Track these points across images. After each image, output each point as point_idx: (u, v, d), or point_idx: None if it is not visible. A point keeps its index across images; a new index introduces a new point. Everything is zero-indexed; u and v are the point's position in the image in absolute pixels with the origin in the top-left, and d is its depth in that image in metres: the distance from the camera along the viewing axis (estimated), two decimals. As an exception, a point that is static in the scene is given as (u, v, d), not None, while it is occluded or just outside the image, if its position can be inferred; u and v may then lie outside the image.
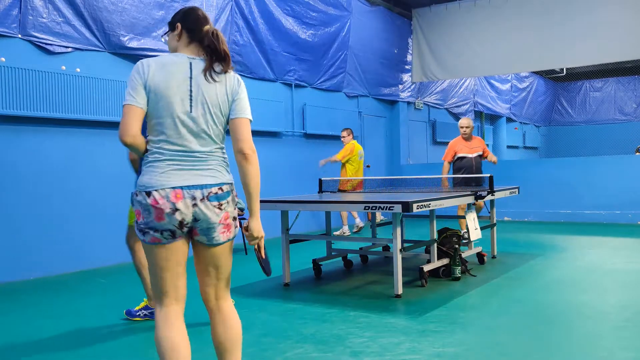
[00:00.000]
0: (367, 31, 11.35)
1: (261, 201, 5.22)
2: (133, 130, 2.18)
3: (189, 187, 2.21)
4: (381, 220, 8.83)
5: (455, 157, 7.65)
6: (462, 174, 7.50)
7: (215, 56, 2.31)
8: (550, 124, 22.14)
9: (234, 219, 2.36)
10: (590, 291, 4.75)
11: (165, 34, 2.46)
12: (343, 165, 9.02)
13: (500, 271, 5.73)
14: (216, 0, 7.96)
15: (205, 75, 2.27)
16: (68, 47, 6.39)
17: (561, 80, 21.35)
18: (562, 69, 18.28)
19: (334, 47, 10.37)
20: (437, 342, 3.47)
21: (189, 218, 2.22)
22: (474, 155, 7.56)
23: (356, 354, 3.31)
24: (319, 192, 6.60)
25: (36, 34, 6.05)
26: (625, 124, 20.16)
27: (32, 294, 5.31)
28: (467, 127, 7.58)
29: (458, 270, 5.31)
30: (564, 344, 3.41)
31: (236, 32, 8.37)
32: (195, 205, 2.21)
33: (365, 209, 4.57)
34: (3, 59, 5.79)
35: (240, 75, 8.64)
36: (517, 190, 6.89)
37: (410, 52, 12.74)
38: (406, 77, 12.75)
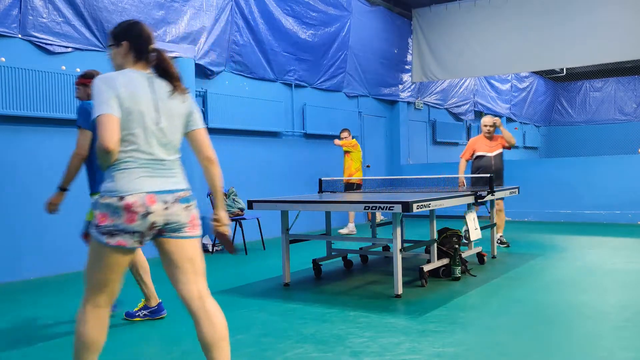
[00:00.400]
0: (367, 31, 11.35)
1: (261, 201, 5.22)
2: (116, 137, 2.26)
3: (160, 192, 2.36)
4: (381, 220, 8.83)
5: (474, 156, 7.39)
6: (479, 173, 7.27)
7: (168, 78, 2.46)
8: (550, 124, 22.14)
9: (200, 219, 2.54)
10: (590, 291, 4.75)
11: (109, 46, 2.52)
12: (347, 158, 9.20)
13: (500, 271, 5.73)
14: (216, 0, 7.96)
15: (168, 92, 2.44)
16: (68, 47, 6.39)
17: (561, 80, 21.35)
18: (562, 69, 18.28)
19: (334, 47, 10.37)
20: (437, 342, 3.47)
21: (160, 221, 2.35)
22: (494, 154, 7.25)
23: (356, 354, 3.31)
24: (319, 192, 6.60)
25: (36, 34, 6.05)
26: (625, 124, 20.16)
27: (32, 294, 5.31)
28: (490, 126, 7.27)
29: (458, 270, 5.31)
30: (564, 344, 3.41)
31: (236, 32, 8.37)
32: (166, 208, 2.36)
33: (365, 209, 4.57)
34: (3, 59, 5.79)
35: (240, 75, 8.65)
36: (517, 190, 6.89)
37: (410, 52, 12.74)
38: (406, 77, 12.75)
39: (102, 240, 2.31)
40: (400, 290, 4.67)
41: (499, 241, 7.34)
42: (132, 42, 2.44)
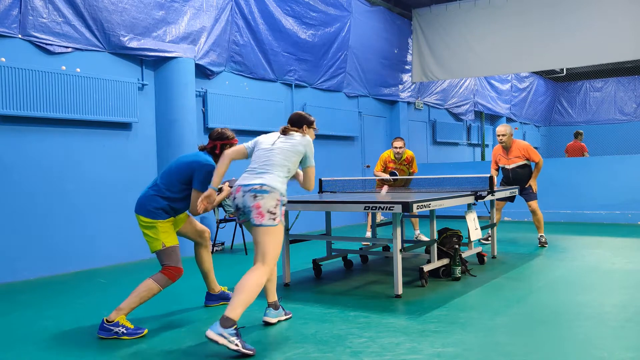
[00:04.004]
0: (367, 31, 11.34)
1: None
2: None
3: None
4: (381, 220, 8.81)
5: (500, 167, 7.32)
6: (502, 185, 7.23)
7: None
8: (551, 124, 22.13)
9: (269, 212, 3.51)
10: (590, 291, 4.75)
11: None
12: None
13: (500, 271, 5.73)
14: (216, 0, 7.96)
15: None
16: (68, 47, 6.39)
17: (561, 80, 21.35)
18: (562, 69, 18.27)
19: (334, 47, 10.37)
20: (437, 342, 3.47)
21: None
22: (512, 166, 7.12)
23: (356, 354, 3.31)
24: (319, 192, 6.60)
25: (36, 34, 6.05)
26: (626, 124, 20.15)
27: (32, 294, 5.31)
28: (502, 135, 7.09)
29: (458, 270, 5.31)
30: (564, 344, 3.41)
31: (236, 32, 8.37)
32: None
33: (365, 209, 4.57)
34: (3, 59, 5.79)
35: (240, 75, 8.65)
36: (517, 190, 6.89)
37: (410, 52, 12.74)
38: (406, 77, 12.75)
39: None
40: (400, 290, 4.67)
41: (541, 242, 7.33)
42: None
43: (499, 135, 7.17)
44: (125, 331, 3.79)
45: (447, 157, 14.88)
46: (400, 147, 7.59)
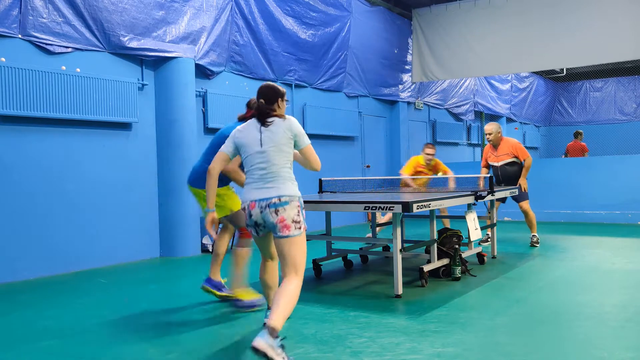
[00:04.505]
0: (367, 31, 11.34)
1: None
2: None
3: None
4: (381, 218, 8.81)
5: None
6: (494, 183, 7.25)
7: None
8: (551, 124, 22.13)
9: (293, 221, 3.34)
10: (590, 291, 4.75)
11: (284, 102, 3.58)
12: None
13: (500, 271, 5.73)
14: (216, 0, 7.96)
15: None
16: (68, 47, 6.39)
17: (561, 80, 21.34)
18: (562, 69, 18.27)
19: (334, 47, 10.37)
20: (437, 342, 3.47)
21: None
22: (499, 164, 7.22)
23: (356, 354, 3.31)
24: (319, 192, 6.60)
25: (36, 34, 6.05)
26: (625, 124, 20.14)
27: (33, 294, 5.31)
28: (488, 134, 7.24)
29: (458, 270, 5.31)
30: (564, 344, 3.41)
31: (236, 32, 8.37)
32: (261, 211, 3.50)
33: (365, 209, 4.57)
34: (3, 59, 5.79)
35: (240, 75, 8.65)
36: (517, 190, 6.89)
37: (410, 52, 12.74)
38: (406, 77, 12.75)
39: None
40: (400, 290, 4.67)
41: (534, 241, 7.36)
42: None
43: (486, 134, 7.29)
44: (244, 304, 4.35)
45: (447, 157, 14.86)
46: (431, 154, 7.73)
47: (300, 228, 3.37)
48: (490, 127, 7.27)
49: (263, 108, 3.49)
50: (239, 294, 4.41)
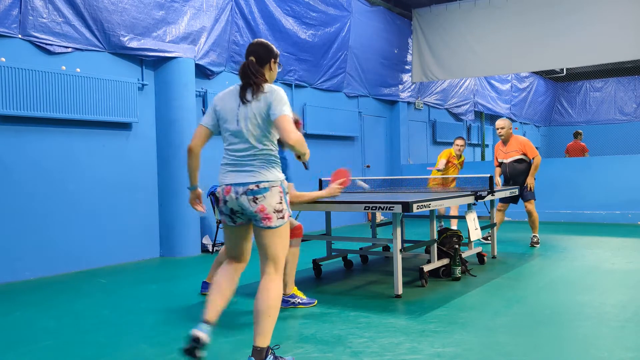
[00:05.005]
0: (367, 31, 11.34)
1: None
2: None
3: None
4: (381, 220, 8.82)
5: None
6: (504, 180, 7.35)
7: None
8: (551, 124, 22.12)
9: (275, 211, 2.97)
10: (590, 291, 4.75)
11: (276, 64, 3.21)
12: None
13: (500, 271, 5.73)
14: (216, 0, 7.96)
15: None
16: (68, 47, 6.39)
17: (561, 80, 21.34)
18: (562, 69, 18.27)
19: (334, 47, 10.37)
20: (437, 342, 3.47)
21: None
22: (509, 160, 7.25)
23: (356, 354, 3.31)
24: (319, 192, 6.58)
25: (36, 34, 6.05)
26: (626, 124, 20.15)
27: (33, 294, 5.31)
28: (501, 128, 7.25)
29: (458, 270, 5.31)
30: (564, 344, 3.41)
31: (236, 32, 8.37)
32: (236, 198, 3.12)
33: (365, 209, 4.57)
34: (3, 59, 5.79)
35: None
36: (517, 190, 6.89)
37: (410, 52, 12.74)
38: (406, 77, 12.75)
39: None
40: (400, 290, 4.67)
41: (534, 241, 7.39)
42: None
43: (497, 129, 7.31)
44: (300, 301, 4.45)
45: (447, 157, 14.86)
46: (462, 145, 8.52)
47: (283, 217, 2.98)
48: (502, 122, 7.31)
49: (248, 70, 3.00)
50: (296, 291, 4.52)
